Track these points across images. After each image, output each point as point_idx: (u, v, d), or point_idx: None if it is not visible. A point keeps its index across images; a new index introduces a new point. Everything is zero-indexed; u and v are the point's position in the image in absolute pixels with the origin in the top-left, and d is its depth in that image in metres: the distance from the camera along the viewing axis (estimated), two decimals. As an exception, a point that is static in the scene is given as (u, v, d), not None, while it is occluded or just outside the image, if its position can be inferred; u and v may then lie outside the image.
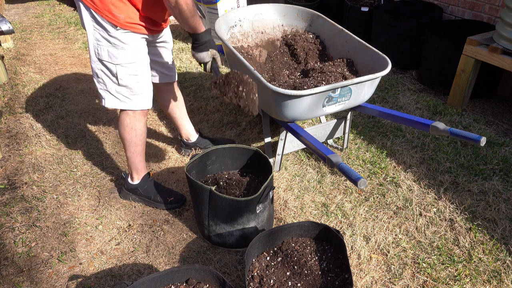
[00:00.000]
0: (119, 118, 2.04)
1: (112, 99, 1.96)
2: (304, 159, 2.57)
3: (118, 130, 2.08)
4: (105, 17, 1.75)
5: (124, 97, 1.96)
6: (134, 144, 2.09)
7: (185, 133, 2.57)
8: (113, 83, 1.92)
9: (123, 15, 1.77)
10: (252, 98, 1.79)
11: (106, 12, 1.74)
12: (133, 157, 2.13)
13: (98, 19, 1.77)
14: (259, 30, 2.72)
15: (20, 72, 3.81)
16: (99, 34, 1.81)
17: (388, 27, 3.63)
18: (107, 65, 1.87)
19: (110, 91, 1.94)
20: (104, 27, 1.79)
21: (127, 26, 1.80)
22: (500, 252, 1.91)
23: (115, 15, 1.75)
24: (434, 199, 2.23)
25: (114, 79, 1.90)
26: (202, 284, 1.57)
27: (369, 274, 1.83)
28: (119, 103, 1.97)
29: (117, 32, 1.80)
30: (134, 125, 2.04)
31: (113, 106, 1.97)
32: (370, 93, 2.24)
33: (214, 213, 1.87)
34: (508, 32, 2.63)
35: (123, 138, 2.08)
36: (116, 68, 1.87)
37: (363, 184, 1.51)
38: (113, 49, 1.83)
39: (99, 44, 1.83)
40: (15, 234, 2.08)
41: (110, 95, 1.95)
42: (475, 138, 1.73)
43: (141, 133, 2.08)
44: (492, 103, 3.18)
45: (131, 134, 2.05)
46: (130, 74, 1.91)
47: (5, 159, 2.64)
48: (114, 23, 1.77)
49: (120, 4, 1.75)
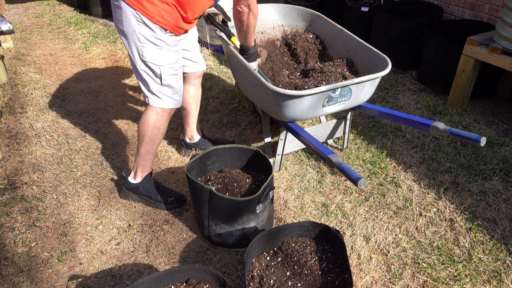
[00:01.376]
0: (145, 115, 2.06)
1: (155, 98, 2.03)
2: (304, 159, 2.57)
3: (140, 125, 2.08)
4: (155, 21, 1.81)
5: (166, 96, 2.03)
6: (152, 142, 2.11)
7: (191, 131, 2.57)
8: (156, 83, 1.98)
9: (173, 20, 1.85)
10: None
11: (158, 16, 1.81)
12: (146, 155, 2.14)
13: (146, 22, 1.82)
14: (259, 30, 2.72)
15: (20, 72, 3.81)
16: (143, 37, 1.86)
17: (388, 27, 3.63)
18: (150, 66, 1.93)
19: (153, 91, 2.01)
20: (152, 30, 1.84)
21: (174, 30, 1.88)
22: (500, 252, 1.91)
23: (166, 20, 1.83)
24: (434, 199, 2.23)
25: (158, 79, 1.97)
26: (202, 284, 1.57)
27: (369, 274, 1.83)
28: (161, 102, 2.03)
29: (165, 35, 1.87)
30: (159, 123, 2.07)
31: (157, 105, 2.03)
32: (370, 93, 2.24)
33: (214, 213, 1.87)
34: (508, 32, 2.63)
35: (143, 135, 2.09)
36: (160, 69, 1.94)
37: (363, 184, 1.51)
38: (158, 50, 1.90)
39: (144, 46, 1.88)
40: (15, 234, 2.09)
41: (153, 95, 2.02)
42: (475, 138, 1.73)
43: (163, 132, 2.13)
44: (492, 103, 3.18)
45: (153, 132, 2.08)
46: (172, 74, 1.99)
47: (5, 159, 2.64)
48: (165, 27, 1.84)
49: (170, 10, 1.82)
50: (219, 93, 3.37)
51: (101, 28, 4.94)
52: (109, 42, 4.51)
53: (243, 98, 3.25)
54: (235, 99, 3.27)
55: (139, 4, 1.78)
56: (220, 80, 3.59)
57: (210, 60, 4.03)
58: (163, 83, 1.98)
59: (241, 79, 2.39)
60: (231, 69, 2.55)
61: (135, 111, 3.17)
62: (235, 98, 3.28)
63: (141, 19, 1.81)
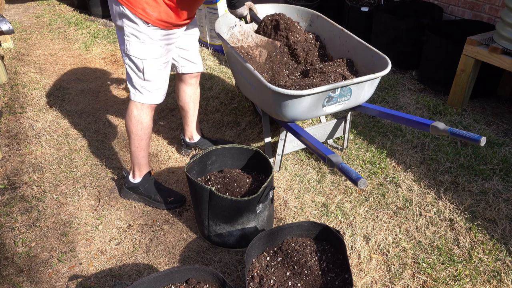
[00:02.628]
0: (127, 110, 2.08)
1: (136, 93, 2.03)
2: (304, 159, 2.57)
3: (125, 122, 2.11)
4: (137, 14, 1.81)
5: (147, 91, 2.02)
6: (139, 137, 2.11)
7: (190, 131, 2.57)
8: (138, 78, 1.98)
9: (156, 14, 1.83)
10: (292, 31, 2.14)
11: (140, 10, 1.80)
12: (137, 151, 2.15)
13: (130, 16, 1.82)
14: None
15: (20, 72, 3.81)
16: (128, 30, 1.86)
17: (388, 27, 3.63)
18: (134, 60, 1.93)
19: (135, 86, 2.01)
20: (135, 23, 1.84)
21: (158, 24, 1.86)
22: (500, 252, 1.91)
23: (148, 13, 1.81)
24: (434, 199, 2.23)
25: (140, 74, 1.97)
26: (202, 284, 1.57)
27: (369, 274, 1.83)
28: (141, 97, 2.03)
29: (148, 28, 1.85)
30: (141, 118, 2.07)
31: (136, 99, 2.03)
32: (370, 93, 2.24)
33: (214, 213, 1.87)
34: (508, 32, 2.63)
35: (129, 131, 2.10)
36: (143, 63, 1.93)
37: (363, 184, 1.51)
38: (141, 44, 1.89)
39: (128, 40, 1.88)
40: (15, 234, 2.08)
41: (135, 89, 2.02)
42: (475, 138, 1.73)
43: (147, 127, 2.11)
44: (492, 103, 3.18)
45: (137, 126, 2.08)
46: (155, 69, 1.98)
47: (5, 159, 2.64)
48: (146, 20, 1.82)
49: (154, 4, 1.80)
50: (219, 93, 3.37)
51: (101, 28, 4.94)
52: (109, 42, 4.51)
53: (243, 98, 3.25)
54: (235, 99, 3.27)
55: None
56: (220, 80, 3.59)
57: (210, 60, 4.03)
58: (145, 78, 1.97)
59: (241, 79, 2.39)
60: (231, 69, 2.55)
61: (135, 111, 3.17)
62: (235, 98, 3.28)
63: (125, 12, 1.82)
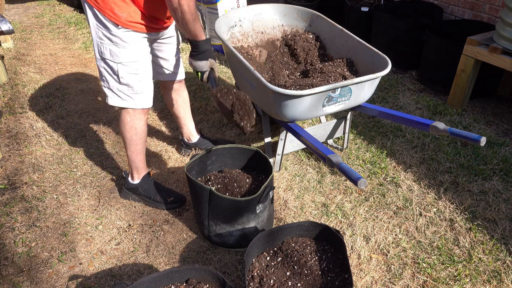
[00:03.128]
0: (120, 116, 2.05)
1: (115, 97, 1.99)
2: (304, 159, 2.57)
3: (119, 128, 2.09)
4: (107, 16, 1.77)
5: (125, 95, 1.98)
6: (134, 142, 2.09)
7: (187, 133, 2.57)
8: (114, 81, 1.94)
9: (125, 14, 1.78)
10: (248, 117, 1.82)
11: (108, 11, 1.76)
12: (133, 156, 2.14)
13: (100, 18, 1.79)
14: (259, 30, 2.72)
15: (20, 72, 3.81)
16: (101, 33, 1.83)
17: (388, 27, 3.63)
18: (109, 63, 1.90)
19: (113, 89, 1.97)
20: (106, 26, 1.81)
21: (128, 25, 1.81)
22: (500, 252, 1.91)
23: (117, 14, 1.77)
24: (434, 199, 2.23)
25: (116, 77, 1.93)
26: (202, 284, 1.57)
27: (369, 274, 1.83)
28: (121, 101, 1.99)
29: (118, 31, 1.81)
30: (134, 123, 2.05)
31: (115, 104, 2.00)
32: (370, 93, 2.23)
33: (214, 213, 1.87)
34: (508, 32, 2.63)
35: (124, 137, 2.08)
36: (118, 66, 1.89)
37: (363, 184, 1.51)
38: (114, 47, 1.85)
39: (102, 42, 1.85)
40: (15, 234, 2.08)
41: (113, 93, 1.98)
42: (475, 138, 1.73)
43: (141, 132, 2.09)
44: (492, 103, 3.18)
45: (131, 132, 2.06)
46: (131, 73, 1.93)
47: (5, 159, 2.64)
48: (116, 22, 1.78)
49: (121, 4, 1.76)
50: (219, 93, 3.37)
51: (101, 28, 4.94)
52: (109, 42, 4.50)
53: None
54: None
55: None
56: (220, 80, 3.59)
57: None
58: (121, 82, 1.93)
59: (241, 79, 2.39)
60: (231, 69, 2.55)
61: (135, 111, 3.17)
62: (235, 98, 3.27)
63: (96, 15, 1.80)
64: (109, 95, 1.99)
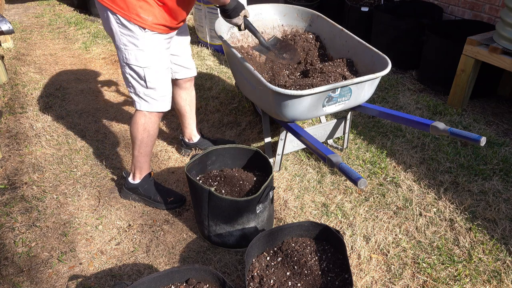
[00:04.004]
0: (134, 117, 2.06)
1: (142, 102, 2.00)
2: (304, 159, 2.57)
3: (131, 128, 2.09)
4: (132, 20, 1.77)
5: (152, 99, 1.99)
6: (144, 144, 2.10)
7: (189, 132, 2.57)
8: (141, 86, 1.95)
9: (151, 17, 1.79)
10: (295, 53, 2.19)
11: (134, 15, 1.76)
12: (140, 157, 2.14)
13: (125, 24, 1.79)
14: (259, 30, 2.72)
15: (20, 72, 3.81)
16: (126, 39, 1.83)
17: (388, 27, 3.63)
18: (134, 68, 1.90)
19: (139, 94, 1.98)
20: (131, 31, 1.80)
21: (154, 28, 1.82)
22: (500, 252, 1.91)
23: (142, 18, 1.77)
24: (434, 199, 2.23)
25: (143, 82, 1.94)
26: (202, 284, 1.57)
27: (369, 274, 1.83)
28: (148, 106, 2.01)
29: (145, 34, 1.82)
30: (148, 125, 2.06)
31: (143, 108, 2.01)
32: (370, 93, 2.23)
33: (214, 213, 1.87)
34: (508, 32, 2.63)
35: (134, 137, 2.09)
36: (144, 71, 1.90)
37: (363, 184, 1.51)
38: (140, 52, 1.86)
39: (126, 48, 1.85)
40: (15, 234, 2.08)
41: (140, 98, 1.99)
42: (475, 138, 1.73)
43: (154, 135, 2.11)
44: (492, 103, 3.18)
45: (143, 134, 2.07)
46: (157, 76, 1.95)
47: (5, 159, 2.64)
48: (142, 25, 1.79)
49: (147, 7, 1.76)
50: (219, 93, 3.37)
51: (101, 28, 4.94)
52: (109, 42, 4.51)
53: (243, 98, 3.25)
54: (235, 99, 3.27)
55: (115, 5, 1.75)
56: (220, 80, 3.59)
57: (210, 60, 4.03)
58: (148, 86, 1.95)
59: (241, 79, 2.39)
60: (231, 69, 2.55)
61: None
62: (235, 98, 3.28)
63: (119, 20, 1.79)
64: (136, 101, 2.01)
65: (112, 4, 1.75)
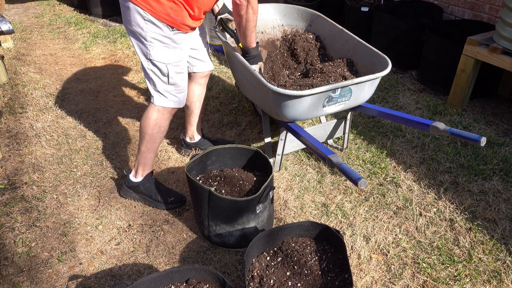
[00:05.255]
0: (147, 112, 2.07)
1: (161, 97, 2.04)
2: (304, 159, 2.57)
3: (142, 122, 2.10)
4: (162, 19, 1.83)
5: (171, 95, 2.04)
6: (153, 140, 2.12)
7: (192, 131, 2.57)
8: (162, 82, 2.00)
9: (180, 18, 1.86)
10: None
11: (164, 15, 1.82)
12: (147, 152, 2.15)
13: (153, 21, 1.84)
14: (259, 30, 2.72)
15: (20, 72, 3.81)
16: (152, 34, 1.87)
17: (388, 27, 3.63)
18: (157, 64, 1.94)
19: (160, 90, 2.02)
20: (160, 28, 1.86)
21: (181, 27, 1.89)
22: (500, 252, 1.91)
23: (172, 17, 1.84)
24: (434, 199, 2.23)
25: (165, 78, 1.98)
26: (202, 284, 1.57)
27: (369, 274, 1.83)
28: (167, 101, 2.05)
29: (171, 32, 1.89)
30: (160, 121, 2.08)
31: (162, 104, 2.04)
32: (370, 93, 2.24)
33: (214, 213, 1.87)
34: (508, 32, 2.63)
35: (144, 132, 2.10)
36: (168, 67, 1.95)
37: (363, 184, 1.51)
38: (165, 48, 1.92)
39: (151, 45, 1.89)
40: (15, 234, 2.09)
41: (159, 94, 2.03)
42: (475, 138, 1.73)
43: (164, 131, 2.13)
44: (492, 103, 3.18)
45: (154, 129, 2.08)
46: (178, 72, 2.01)
47: (5, 159, 2.64)
48: (171, 24, 1.85)
49: (177, 8, 1.83)
50: (219, 93, 3.37)
51: (101, 28, 4.94)
52: (109, 42, 4.51)
53: (243, 98, 3.25)
54: (235, 99, 3.27)
55: (146, 3, 1.80)
56: (220, 80, 3.59)
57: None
58: (170, 82, 2.00)
59: (241, 79, 2.39)
60: (231, 69, 2.55)
61: (135, 111, 3.17)
62: (235, 98, 3.28)
63: (148, 18, 1.83)
64: (155, 96, 2.04)
65: (142, 2, 1.81)
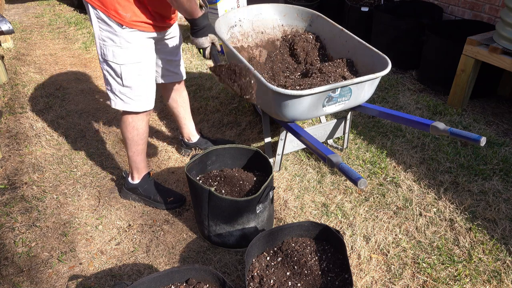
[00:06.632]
0: (121, 117, 2.04)
1: (117, 100, 1.96)
2: (304, 159, 2.57)
3: (120, 128, 2.08)
4: (111, 16, 1.75)
5: (128, 98, 1.95)
6: (135, 143, 2.09)
7: (187, 132, 2.57)
8: (117, 84, 1.91)
9: (129, 14, 1.76)
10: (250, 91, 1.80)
11: (113, 11, 1.74)
12: (134, 156, 2.13)
13: (104, 19, 1.77)
14: (259, 30, 2.72)
15: (20, 72, 3.81)
16: (104, 34, 1.81)
17: (388, 27, 3.63)
18: (111, 65, 1.86)
19: (115, 92, 1.94)
20: (110, 26, 1.78)
21: (133, 25, 1.79)
22: (500, 252, 1.91)
23: (121, 14, 1.75)
24: (434, 199, 2.23)
25: (119, 79, 1.89)
26: (202, 284, 1.57)
27: (369, 274, 1.83)
28: (123, 104, 1.96)
29: (123, 31, 1.79)
30: (136, 124, 2.04)
31: (118, 107, 1.97)
32: (370, 93, 2.24)
33: (214, 213, 1.87)
34: (508, 32, 2.63)
35: (125, 137, 2.08)
36: (121, 68, 1.86)
37: (363, 184, 1.51)
38: (117, 48, 1.82)
39: (105, 44, 1.82)
40: (15, 234, 2.08)
41: (115, 96, 1.95)
42: (475, 138, 1.73)
43: (143, 133, 2.09)
44: (492, 103, 3.18)
45: (133, 133, 2.05)
46: (134, 75, 1.90)
47: (5, 159, 2.64)
48: (120, 22, 1.76)
49: (125, 3, 1.74)
50: (219, 93, 3.37)
51: (101, 28, 4.94)
52: (109, 42, 4.50)
53: (243, 98, 3.25)
54: (235, 99, 3.27)
55: (97, 0, 1.74)
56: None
57: (210, 60, 4.02)
58: (124, 84, 1.89)
59: (241, 79, 2.39)
60: (231, 69, 2.55)
61: (135, 111, 3.17)
62: (235, 98, 3.28)
63: (99, 16, 1.77)
64: (112, 98, 1.97)
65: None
